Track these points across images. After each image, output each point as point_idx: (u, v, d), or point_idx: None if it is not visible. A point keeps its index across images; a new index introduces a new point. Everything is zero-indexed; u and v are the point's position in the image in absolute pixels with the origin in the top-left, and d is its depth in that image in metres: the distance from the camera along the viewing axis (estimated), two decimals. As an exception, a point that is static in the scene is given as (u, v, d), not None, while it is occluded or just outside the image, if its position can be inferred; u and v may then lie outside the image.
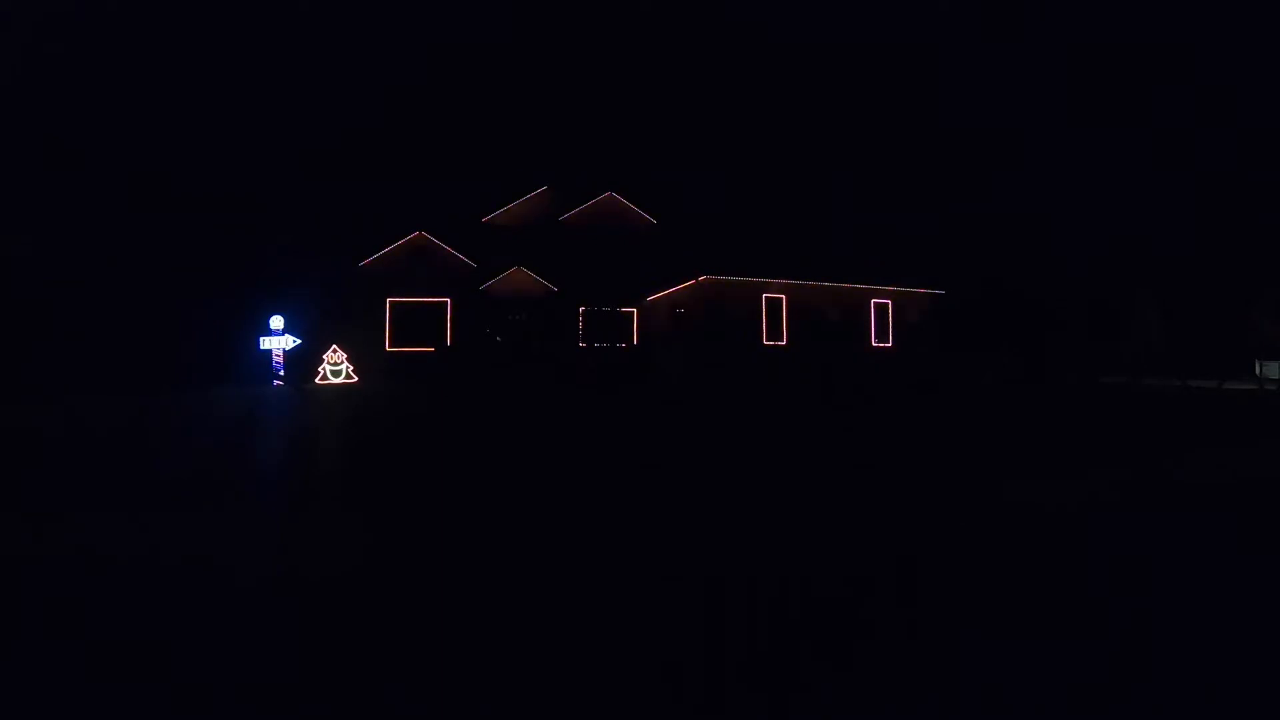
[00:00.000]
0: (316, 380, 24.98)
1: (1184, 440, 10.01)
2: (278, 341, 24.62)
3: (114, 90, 33.60)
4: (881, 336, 28.72)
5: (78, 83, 32.73)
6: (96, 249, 26.05)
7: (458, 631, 3.30)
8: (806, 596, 3.71)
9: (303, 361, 25.01)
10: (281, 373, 24.51)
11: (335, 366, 25.22)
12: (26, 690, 2.79)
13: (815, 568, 4.18)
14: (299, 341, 24.89)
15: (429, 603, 3.68)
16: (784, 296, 26.50)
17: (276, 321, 24.58)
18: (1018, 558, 4.42)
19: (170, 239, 27.22)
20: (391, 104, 46.15)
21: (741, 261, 26.27)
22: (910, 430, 11.23)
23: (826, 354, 26.49)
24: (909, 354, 28.65)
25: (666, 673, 2.87)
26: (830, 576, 4.03)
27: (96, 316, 24.35)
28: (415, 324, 26.84)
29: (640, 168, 36.33)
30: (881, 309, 28.78)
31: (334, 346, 25.31)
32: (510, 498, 6.27)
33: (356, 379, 25.28)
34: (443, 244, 27.43)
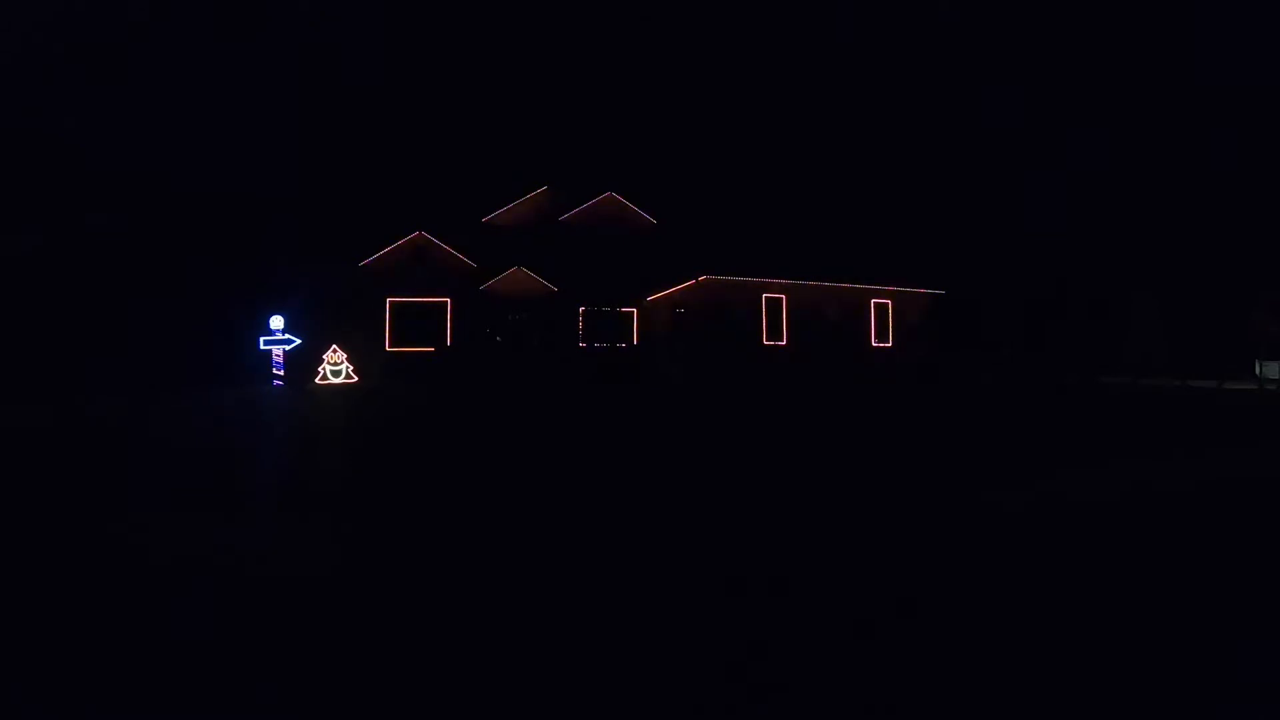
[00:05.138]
0: (316, 380, 24.98)
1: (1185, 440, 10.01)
2: (278, 341, 24.60)
3: (114, 89, 33.58)
4: (881, 336, 28.71)
5: (77, 81, 32.71)
6: (97, 249, 26.00)
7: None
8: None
9: (303, 361, 24.97)
10: (281, 373, 24.49)
11: (335, 366, 25.21)
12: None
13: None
14: (299, 341, 24.86)
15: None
16: (784, 296, 26.48)
17: (276, 321, 24.55)
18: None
19: (170, 239, 27.18)
20: (391, 104, 46.12)
21: (741, 261, 26.25)
22: (908, 432, 11.23)
23: (826, 354, 26.51)
24: (909, 354, 28.64)
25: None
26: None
27: (95, 317, 24.31)
28: (415, 324, 26.83)
29: (640, 168, 36.26)
30: (881, 309, 28.76)
31: (334, 346, 25.30)
32: (507, 502, 6.28)
33: (356, 379, 25.27)
34: (443, 244, 27.40)
